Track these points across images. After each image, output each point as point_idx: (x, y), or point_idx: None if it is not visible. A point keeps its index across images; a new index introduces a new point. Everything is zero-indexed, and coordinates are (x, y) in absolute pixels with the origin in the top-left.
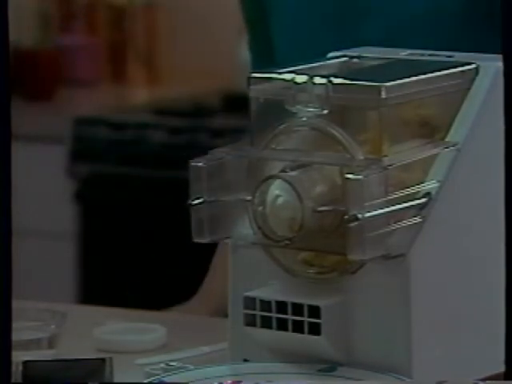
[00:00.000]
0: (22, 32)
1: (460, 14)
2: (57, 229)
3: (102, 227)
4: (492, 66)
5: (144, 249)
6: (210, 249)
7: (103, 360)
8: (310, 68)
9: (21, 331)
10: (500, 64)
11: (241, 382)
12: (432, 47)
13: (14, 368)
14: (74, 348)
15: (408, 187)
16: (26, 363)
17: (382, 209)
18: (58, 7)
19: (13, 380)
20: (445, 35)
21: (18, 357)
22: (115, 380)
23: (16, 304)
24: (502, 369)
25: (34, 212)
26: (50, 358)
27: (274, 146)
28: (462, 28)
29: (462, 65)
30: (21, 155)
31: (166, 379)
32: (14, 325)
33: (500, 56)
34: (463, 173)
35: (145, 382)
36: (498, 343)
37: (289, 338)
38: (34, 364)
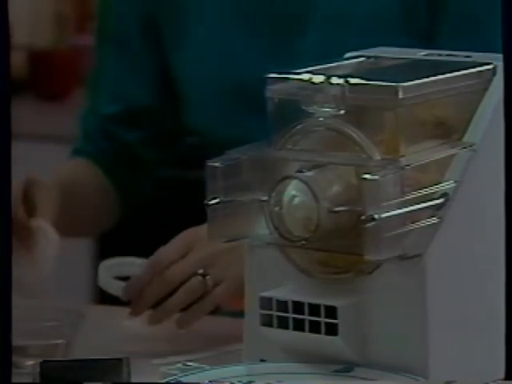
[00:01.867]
0: (38, 32)
1: (400, 16)
2: None
3: (118, 226)
4: None
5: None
6: None
7: (120, 360)
8: (326, 68)
9: (39, 331)
10: None
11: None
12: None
13: (31, 369)
14: (92, 348)
15: (425, 187)
16: (43, 363)
17: (398, 209)
18: (73, 8)
19: (31, 380)
20: (385, 39)
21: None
22: (132, 380)
23: (34, 303)
24: None
25: None
26: (67, 358)
27: (290, 146)
28: (401, 30)
29: (480, 65)
30: (36, 155)
31: (183, 379)
32: (32, 325)
33: None
34: (480, 173)
35: (162, 381)
36: None
37: (305, 338)
38: (51, 364)
